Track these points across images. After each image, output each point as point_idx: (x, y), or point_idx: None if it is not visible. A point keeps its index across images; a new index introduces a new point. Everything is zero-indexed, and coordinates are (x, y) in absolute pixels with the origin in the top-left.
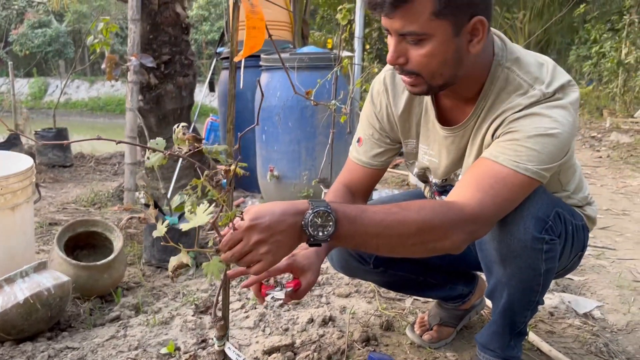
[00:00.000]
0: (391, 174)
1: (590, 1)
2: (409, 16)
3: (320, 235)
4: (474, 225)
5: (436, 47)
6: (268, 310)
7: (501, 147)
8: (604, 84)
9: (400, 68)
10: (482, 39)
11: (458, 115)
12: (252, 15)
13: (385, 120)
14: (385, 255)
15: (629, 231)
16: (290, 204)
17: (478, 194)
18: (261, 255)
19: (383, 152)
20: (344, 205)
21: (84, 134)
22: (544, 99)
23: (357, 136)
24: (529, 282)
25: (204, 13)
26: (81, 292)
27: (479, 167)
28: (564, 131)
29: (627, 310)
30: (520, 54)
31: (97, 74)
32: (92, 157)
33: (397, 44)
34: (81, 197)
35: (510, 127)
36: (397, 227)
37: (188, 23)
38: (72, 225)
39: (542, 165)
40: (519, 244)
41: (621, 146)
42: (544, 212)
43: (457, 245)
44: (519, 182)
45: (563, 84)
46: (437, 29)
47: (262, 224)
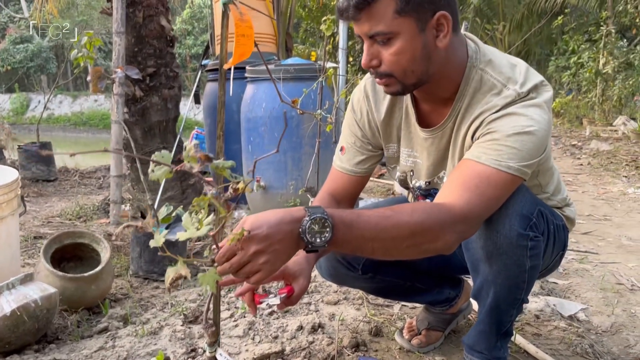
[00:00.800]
0: (376, 183)
1: (567, 13)
2: (373, 17)
3: (317, 242)
4: (463, 224)
5: (404, 44)
6: (257, 318)
7: (482, 147)
8: (583, 94)
9: (374, 71)
10: (448, 33)
11: (436, 117)
12: (241, 24)
13: (367, 127)
14: (380, 258)
15: (610, 236)
16: (286, 212)
17: (465, 194)
18: (260, 266)
19: (365, 159)
20: (340, 211)
21: (67, 149)
22: (519, 99)
23: (340, 145)
24: (515, 279)
25: (187, 27)
26: (68, 304)
27: (462, 168)
28: (541, 128)
29: (611, 312)
30: (494, 55)
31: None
32: (76, 171)
33: (369, 47)
34: (66, 210)
35: (489, 128)
36: (392, 230)
37: (173, 35)
38: (58, 237)
39: (523, 162)
40: (505, 240)
41: (601, 154)
42: (527, 210)
43: (449, 246)
44: (502, 180)
45: (536, 83)
46: (402, 26)
47: (260, 235)
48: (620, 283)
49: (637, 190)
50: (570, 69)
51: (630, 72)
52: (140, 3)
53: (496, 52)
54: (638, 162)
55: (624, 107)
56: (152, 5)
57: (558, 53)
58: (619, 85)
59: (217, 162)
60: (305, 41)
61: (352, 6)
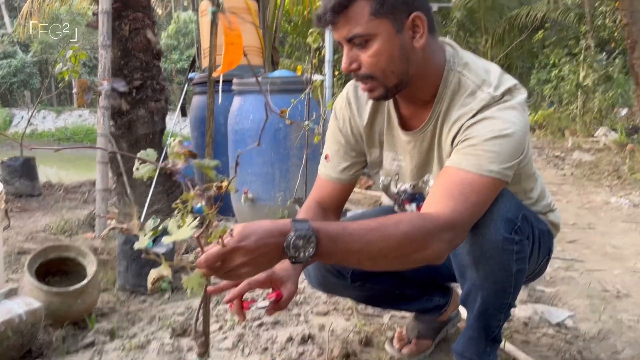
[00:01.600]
0: (364, 195)
1: (547, 27)
2: (351, 20)
3: (301, 256)
4: (451, 232)
5: (382, 45)
6: (246, 330)
7: (462, 154)
8: (564, 106)
9: (355, 75)
10: (424, 33)
11: (417, 120)
12: (230, 32)
13: (350, 134)
14: (368, 269)
15: (595, 244)
16: (274, 225)
17: (450, 202)
18: (241, 274)
19: (350, 165)
20: (326, 224)
21: (51, 165)
22: (494, 102)
23: (325, 153)
24: (502, 283)
25: (173, 42)
26: (54, 318)
27: (445, 176)
28: (517, 130)
29: (598, 319)
30: (470, 59)
31: (64, 103)
32: (60, 186)
33: (349, 51)
34: (50, 225)
35: (466, 134)
36: (378, 242)
37: (159, 49)
38: (43, 251)
39: (504, 164)
40: (491, 245)
41: (583, 164)
42: (512, 214)
43: (438, 255)
44: (485, 184)
45: (510, 87)
46: (379, 28)
47: (247, 247)
48: (606, 290)
49: (620, 200)
50: (552, 82)
51: (609, 84)
52: (126, 16)
53: (472, 57)
54: (619, 172)
55: (604, 118)
56: (138, 19)
57: (539, 66)
58: (599, 97)
59: (202, 161)
60: (291, 55)
61: (330, 10)
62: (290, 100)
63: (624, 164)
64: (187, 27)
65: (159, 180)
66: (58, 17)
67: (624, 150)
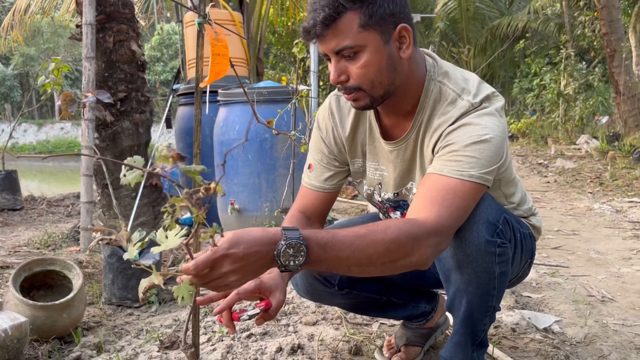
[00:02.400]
0: (350, 204)
1: (528, 37)
2: (340, 32)
3: (291, 265)
4: (436, 237)
5: (370, 56)
6: (235, 341)
7: (443, 160)
8: (546, 114)
9: (343, 87)
10: (410, 44)
11: (399, 130)
12: (216, 43)
13: (333, 144)
14: (357, 275)
15: (579, 250)
16: (264, 233)
17: (434, 207)
18: (229, 282)
19: (333, 175)
20: (315, 232)
21: (33, 178)
22: (473, 109)
23: (308, 163)
24: (486, 286)
25: (156, 54)
26: (39, 333)
27: (427, 183)
28: (496, 135)
29: (584, 324)
30: (449, 68)
31: (45, 116)
32: (43, 200)
33: (337, 63)
34: (34, 239)
35: (447, 141)
36: (367, 248)
37: (144, 60)
38: (28, 265)
39: (484, 169)
40: (474, 248)
41: (566, 171)
42: (494, 217)
43: (424, 260)
44: (467, 189)
45: (488, 94)
46: (367, 40)
47: (236, 254)
48: (591, 295)
49: (603, 206)
50: (534, 90)
51: (590, 92)
52: (110, 28)
53: (451, 66)
54: (601, 179)
55: (585, 126)
56: (122, 31)
57: (521, 75)
58: (580, 105)
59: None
60: (275, 66)
61: (320, 22)
62: (276, 111)
63: (605, 171)
64: (171, 38)
65: (144, 192)
66: (39, 30)
67: (605, 157)
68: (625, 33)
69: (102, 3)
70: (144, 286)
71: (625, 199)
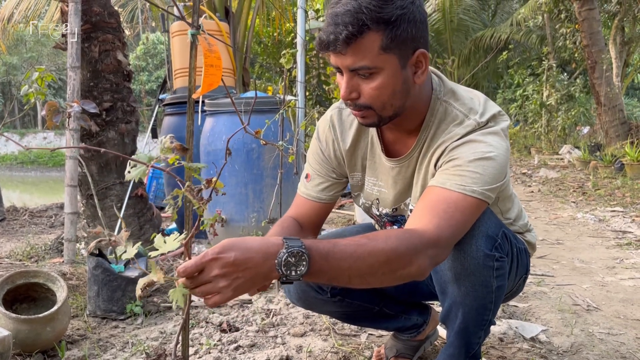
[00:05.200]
0: (337, 214)
1: (511, 48)
2: (359, 52)
3: (293, 275)
4: (435, 249)
5: (386, 79)
6: (223, 354)
7: (446, 174)
8: (529, 124)
9: (353, 103)
10: (425, 70)
11: (401, 147)
12: (209, 54)
13: (332, 156)
14: (356, 287)
15: (564, 259)
16: (262, 242)
17: (434, 219)
18: (219, 289)
19: (330, 186)
20: (317, 242)
21: (14, 189)
22: (479, 127)
23: (305, 173)
24: (483, 299)
25: (141, 63)
26: (22, 347)
27: (429, 195)
28: (500, 154)
29: (570, 333)
30: (455, 88)
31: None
32: (26, 210)
33: (349, 80)
34: (16, 251)
35: (451, 156)
36: (368, 258)
37: (130, 70)
38: (10, 278)
39: (486, 186)
40: (472, 261)
41: (550, 181)
42: (493, 231)
43: (423, 270)
44: (468, 204)
45: (494, 113)
46: (386, 63)
47: (226, 259)
48: (577, 304)
49: (586, 215)
50: (517, 101)
51: (571, 103)
52: (96, 38)
53: (456, 86)
54: (584, 188)
55: (568, 136)
56: (108, 40)
57: (504, 86)
58: (562, 116)
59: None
60: (261, 76)
61: (342, 40)
62: (264, 121)
63: (588, 181)
64: (156, 48)
65: (130, 203)
66: (22, 39)
67: (588, 167)
68: (605, 45)
69: (87, 12)
70: (142, 284)
71: (607, 208)
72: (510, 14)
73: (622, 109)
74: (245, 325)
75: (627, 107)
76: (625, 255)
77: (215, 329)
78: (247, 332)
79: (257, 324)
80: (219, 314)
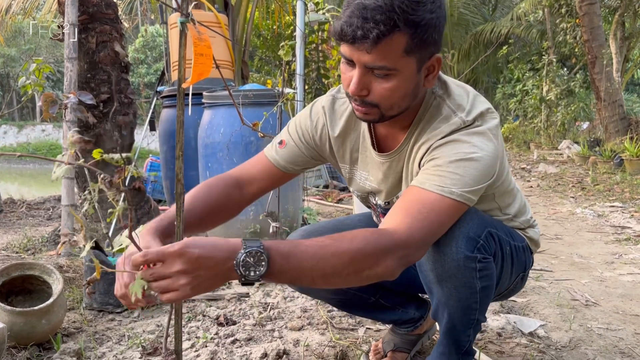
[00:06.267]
0: (335, 208)
1: (511, 43)
2: (383, 52)
3: (252, 275)
4: (404, 250)
5: (401, 82)
6: (219, 347)
7: (426, 174)
8: (529, 119)
9: (360, 99)
10: (436, 74)
11: (392, 142)
12: (199, 43)
13: (317, 137)
14: (321, 287)
15: (562, 254)
16: (224, 241)
17: (407, 219)
18: (179, 286)
19: (301, 161)
20: (277, 242)
21: (12, 181)
22: (464, 127)
23: (281, 138)
24: (466, 300)
25: (140, 56)
26: (17, 340)
27: (407, 194)
28: (484, 155)
29: (569, 328)
30: (448, 81)
31: (26, 118)
32: (23, 203)
33: (362, 76)
34: (12, 243)
35: (433, 155)
36: (331, 258)
37: (127, 62)
38: (6, 270)
39: (466, 187)
40: (453, 263)
41: (549, 176)
42: (474, 232)
43: (390, 272)
44: (445, 205)
45: (482, 111)
46: (405, 66)
47: (190, 255)
48: (575, 299)
49: (585, 210)
50: (516, 96)
51: (571, 98)
52: (93, 29)
53: (447, 78)
54: (583, 183)
55: (567, 131)
56: (105, 31)
57: (504, 81)
58: (562, 111)
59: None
60: (260, 69)
61: (372, 39)
62: (261, 113)
63: (587, 176)
64: (155, 40)
65: None
66: (20, 31)
67: (587, 162)
68: (606, 40)
69: (85, 3)
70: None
71: (606, 204)
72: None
73: (621, 104)
74: (243, 319)
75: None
76: (624, 250)
77: (212, 322)
78: (244, 326)
79: (254, 318)
80: (215, 307)
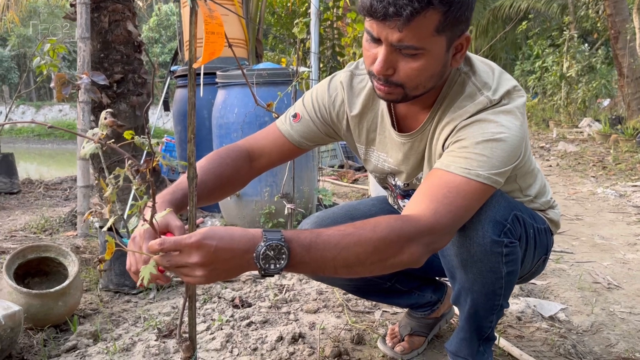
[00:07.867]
0: (351, 188)
1: (531, 18)
2: (414, 30)
3: (272, 269)
4: (430, 236)
5: (429, 62)
6: (235, 330)
7: (452, 156)
8: (548, 97)
9: (385, 78)
10: (464, 53)
11: (412, 122)
12: (210, 20)
13: (335, 114)
14: (344, 276)
15: (583, 235)
16: (243, 233)
17: (432, 204)
18: (195, 276)
19: (315, 137)
20: (298, 232)
21: (32, 161)
22: (490, 106)
23: (295, 112)
24: (491, 285)
25: (154, 35)
26: (34, 322)
27: (432, 178)
28: (512, 135)
29: (591, 312)
30: (472, 57)
31: (43, 98)
32: (41, 183)
33: (389, 55)
34: (30, 223)
35: (458, 136)
36: (354, 247)
37: (140, 41)
38: (22, 252)
39: (494, 170)
40: (479, 248)
41: (569, 155)
42: (501, 216)
43: (416, 259)
44: (472, 189)
45: (509, 89)
46: (435, 45)
47: (208, 247)
48: (597, 282)
49: (606, 190)
50: (535, 72)
51: (592, 75)
52: (105, 8)
53: (473, 56)
54: (604, 162)
55: (587, 109)
56: (118, 10)
57: (523, 57)
58: (582, 88)
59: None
60: (274, 48)
61: (405, 16)
62: (276, 93)
63: (608, 155)
64: (169, 19)
65: (142, 176)
66: (36, 10)
67: (608, 140)
68: (629, 14)
69: None
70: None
71: (628, 183)
72: None
73: None
74: (258, 301)
75: None
76: None
77: (227, 304)
78: (259, 308)
79: (269, 300)
80: (231, 289)
